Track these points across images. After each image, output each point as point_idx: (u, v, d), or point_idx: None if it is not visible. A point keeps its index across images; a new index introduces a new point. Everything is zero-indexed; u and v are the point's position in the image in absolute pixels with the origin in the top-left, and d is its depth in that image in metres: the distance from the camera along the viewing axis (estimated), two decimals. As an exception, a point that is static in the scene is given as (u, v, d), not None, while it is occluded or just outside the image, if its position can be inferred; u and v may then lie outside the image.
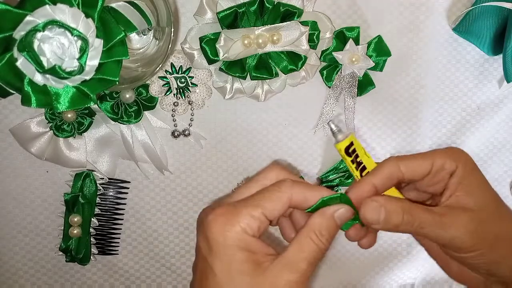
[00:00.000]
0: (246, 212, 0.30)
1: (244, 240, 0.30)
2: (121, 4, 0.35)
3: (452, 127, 0.51)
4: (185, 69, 0.46)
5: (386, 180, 0.33)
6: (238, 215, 0.30)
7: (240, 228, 0.29)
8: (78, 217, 0.48)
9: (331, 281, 0.54)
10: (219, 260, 0.29)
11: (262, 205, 0.30)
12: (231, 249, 0.29)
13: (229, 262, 0.29)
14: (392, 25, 0.47)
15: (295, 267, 0.30)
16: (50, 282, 0.51)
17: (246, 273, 0.29)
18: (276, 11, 0.42)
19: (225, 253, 0.29)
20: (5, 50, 0.32)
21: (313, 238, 0.31)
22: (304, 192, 0.32)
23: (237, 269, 0.29)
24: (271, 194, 0.31)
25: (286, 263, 0.30)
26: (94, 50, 0.33)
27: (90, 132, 0.47)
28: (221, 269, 0.29)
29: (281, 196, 0.31)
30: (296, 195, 0.31)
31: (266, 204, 0.30)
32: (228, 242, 0.29)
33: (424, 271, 0.55)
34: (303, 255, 0.30)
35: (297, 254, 0.30)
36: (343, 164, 0.50)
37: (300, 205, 0.32)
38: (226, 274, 0.29)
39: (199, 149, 0.49)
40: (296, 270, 0.30)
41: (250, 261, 0.29)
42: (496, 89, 0.50)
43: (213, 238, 0.30)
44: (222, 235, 0.29)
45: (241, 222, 0.30)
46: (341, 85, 0.48)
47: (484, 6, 0.44)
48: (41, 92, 0.34)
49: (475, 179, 0.33)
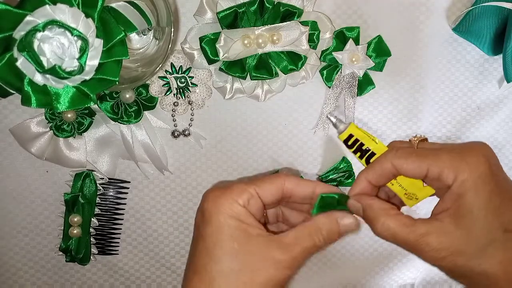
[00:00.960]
0: (240, 186, 0.32)
1: (234, 209, 0.31)
2: (121, 4, 0.35)
3: (452, 127, 0.51)
4: (185, 69, 0.46)
5: (379, 176, 0.34)
6: (232, 188, 0.32)
7: (231, 199, 0.31)
8: (78, 217, 0.48)
9: (331, 281, 0.54)
10: (209, 225, 0.31)
11: (256, 183, 0.33)
12: (221, 215, 0.31)
13: (218, 227, 0.31)
14: (392, 25, 0.47)
15: (288, 249, 0.30)
16: (50, 282, 0.51)
17: (233, 239, 0.30)
18: (276, 11, 0.42)
19: (216, 219, 0.31)
20: (5, 50, 0.32)
21: (312, 233, 0.32)
22: (297, 180, 0.33)
23: (225, 234, 0.30)
24: (266, 178, 0.33)
25: (279, 242, 0.31)
26: (94, 50, 0.33)
27: (90, 132, 0.47)
28: (210, 234, 0.31)
29: (276, 180, 0.33)
30: (289, 182, 0.33)
31: (260, 183, 0.33)
32: (219, 209, 0.31)
33: (424, 271, 0.55)
34: (298, 242, 0.31)
35: (293, 239, 0.31)
36: (343, 164, 0.50)
37: (294, 193, 0.33)
38: (214, 239, 0.31)
39: (199, 149, 0.49)
40: (288, 252, 0.30)
41: (239, 228, 0.31)
42: (496, 89, 0.50)
43: (206, 207, 0.32)
44: (214, 203, 0.31)
45: (233, 193, 0.32)
46: (341, 85, 0.48)
47: (484, 6, 0.44)
48: (41, 92, 0.34)
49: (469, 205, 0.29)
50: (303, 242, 0.31)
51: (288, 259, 0.30)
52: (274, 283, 0.30)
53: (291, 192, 0.34)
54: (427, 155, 0.31)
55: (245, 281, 0.30)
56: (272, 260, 0.30)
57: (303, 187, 0.33)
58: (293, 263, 0.31)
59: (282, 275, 0.30)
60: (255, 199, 0.32)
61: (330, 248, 0.53)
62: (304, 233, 0.32)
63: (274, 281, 0.30)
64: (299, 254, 0.31)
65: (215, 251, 0.30)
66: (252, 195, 0.32)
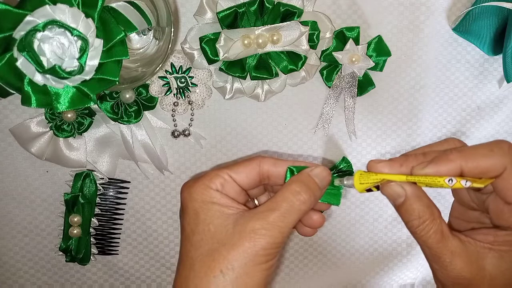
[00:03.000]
0: (212, 172, 0.32)
1: (208, 193, 0.31)
2: (121, 4, 0.35)
3: (452, 127, 0.51)
4: (185, 69, 0.46)
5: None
6: (204, 176, 0.32)
7: (204, 185, 0.31)
8: (78, 217, 0.48)
9: (331, 281, 0.54)
10: (187, 214, 0.31)
11: (229, 167, 0.32)
12: (196, 202, 0.31)
13: (193, 213, 0.31)
14: (392, 25, 0.47)
15: (262, 216, 0.30)
16: (50, 282, 0.51)
17: (210, 222, 0.30)
18: (276, 11, 0.42)
19: (191, 207, 0.31)
20: (5, 50, 0.32)
21: (288, 191, 0.31)
22: (273, 161, 0.33)
23: (200, 219, 0.30)
24: (241, 161, 0.33)
25: (254, 212, 0.30)
26: (94, 50, 0.33)
27: (90, 132, 0.47)
28: (188, 222, 0.31)
29: (250, 162, 0.33)
30: (265, 162, 0.33)
31: (233, 167, 0.32)
32: (193, 196, 0.31)
33: (424, 271, 0.55)
34: (273, 206, 0.30)
35: (268, 205, 0.31)
36: (343, 164, 0.50)
37: (271, 174, 0.33)
38: (192, 226, 0.31)
39: (199, 149, 0.49)
40: (263, 218, 0.30)
41: (213, 210, 0.31)
42: (496, 89, 0.50)
43: (183, 198, 0.32)
44: (188, 193, 0.31)
45: (205, 180, 0.32)
46: (341, 85, 0.48)
47: (484, 6, 0.44)
48: (41, 92, 0.34)
49: None
50: (277, 207, 0.30)
51: (264, 225, 0.29)
52: (254, 254, 0.29)
53: (268, 173, 0.33)
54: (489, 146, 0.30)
55: (223, 258, 0.29)
56: (248, 231, 0.29)
57: (280, 167, 0.33)
58: (271, 228, 0.29)
59: (261, 243, 0.29)
60: (230, 183, 0.32)
61: (330, 248, 0.53)
62: (277, 198, 0.31)
63: (253, 251, 0.29)
64: (276, 218, 0.30)
65: (194, 237, 0.30)
66: (225, 179, 0.32)
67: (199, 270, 0.29)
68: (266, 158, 0.33)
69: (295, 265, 0.53)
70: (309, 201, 0.31)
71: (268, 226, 0.29)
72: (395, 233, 0.54)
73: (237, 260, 0.29)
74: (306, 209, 0.31)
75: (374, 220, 0.53)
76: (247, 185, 0.33)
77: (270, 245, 0.29)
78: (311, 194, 0.31)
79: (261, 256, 0.29)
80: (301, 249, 0.53)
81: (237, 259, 0.29)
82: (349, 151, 0.51)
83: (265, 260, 0.29)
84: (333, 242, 0.53)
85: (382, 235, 0.54)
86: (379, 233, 0.54)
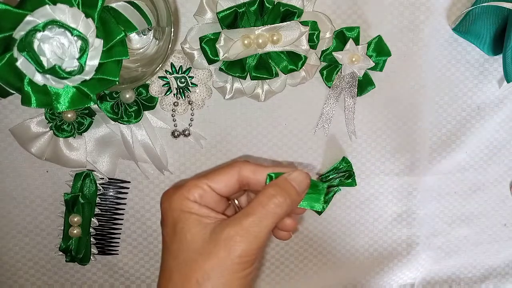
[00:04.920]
0: (190, 182, 0.32)
1: (186, 204, 0.31)
2: (121, 4, 0.35)
3: (452, 127, 0.51)
4: (185, 69, 0.46)
5: None
6: (183, 186, 0.32)
7: (182, 195, 0.31)
8: (78, 217, 0.48)
9: (331, 281, 0.54)
10: (166, 224, 0.31)
11: (207, 177, 0.32)
12: (175, 212, 0.31)
13: (172, 223, 0.31)
14: (392, 25, 0.47)
15: (236, 222, 0.30)
16: (50, 282, 0.51)
17: (187, 231, 0.30)
18: (276, 11, 0.42)
19: (170, 217, 0.31)
20: (5, 50, 0.32)
21: (261, 199, 0.31)
22: (253, 167, 0.33)
23: (178, 228, 0.30)
24: (219, 169, 0.33)
25: (230, 220, 0.30)
26: (94, 50, 0.33)
27: (90, 132, 0.47)
28: (167, 232, 0.31)
29: (229, 170, 0.33)
30: (245, 169, 0.33)
31: (211, 176, 0.32)
32: (172, 206, 0.31)
33: (424, 271, 0.55)
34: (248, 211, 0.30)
35: (243, 212, 0.30)
36: (343, 164, 0.50)
37: (250, 181, 0.33)
38: (171, 236, 0.31)
39: (199, 149, 0.49)
40: (236, 224, 0.30)
41: (191, 219, 0.30)
42: (496, 89, 0.50)
43: (163, 208, 0.32)
44: (168, 202, 0.32)
45: (184, 191, 0.32)
46: (341, 85, 0.48)
47: (484, 6, 0.44)
48: (41, 92, 0.34)
49: None
50: (252, 211, 0.30)
51: (239, 231, 0.29)
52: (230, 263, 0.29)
53: (247, 180, 0.33)
54: None
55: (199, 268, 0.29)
56: (223, 239, 0.29)
57: (259, 174, 0.33)
58: (246, 234, 0.29)
59: (236, 251, 0.29)
60: (209, 193, 0.32)
61: (330, 248, 0.53)
62: (252, 204, 0.31)
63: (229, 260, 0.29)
64: (251, 223, 0.30)
65: (172, 247, 0.30)
66: (204, 190, 0.32)
67: (177, 280, 0.29)
68: (246, 164, 0.33)
69: (295, 265, 0.53)
70: (285, 204, 0.31)
71: (242, 232, 0.29)
72: (395, 233, 0.54)
73: (213, 270, 0.29)
74: (282, 212, 0.31)
75: (374, 220, 0.53)
76: (227, 193, 0.33)
77: (246, 252, 0.29)
78: (286, 197, 0.31)
79: (237, 264, 0.29)
80: (301, 249, 0.53)
81: (213, 268, 0.29)
82: (349, 151, 0.51)
83: (241, 268, 0.29)
84: (333, 242, 0.53)
85: (382, 235, 0.54)
86: (379, 233, 0.54)
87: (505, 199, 0.55)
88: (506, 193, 0.54)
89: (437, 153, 0.52)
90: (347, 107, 0.49)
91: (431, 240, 0.55)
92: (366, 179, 0.52)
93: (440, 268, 0.55)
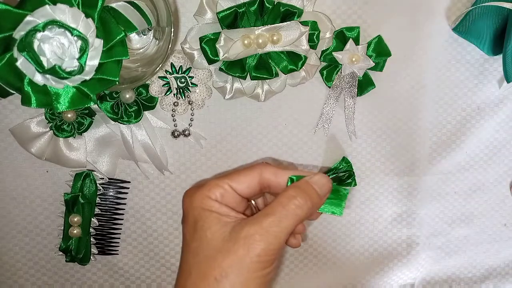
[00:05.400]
0: (212, 181, 0.32)
1: (206, 203, 0.31)
2: (121, 4, 0.35)
3: (452, 127, 0.51)
4: (185, 69, 0.46)
5: None
6: (205, 185, 0.32)
7: (203, 194, 0.32)
8: (78, 217, 0.48)
9: (331, 281, 0.54)
10: (187, 222, 0.32)
11: (229, 177, 0.32)
12: (195, 210, 0.31)
13: (193, 221, 0.31)
14: (392, 25, 0.47)
15: (256, 221, 0.30)
16: (50, 282, 0.51)
17: (207, 229, 0.30)
18: (276, 11, 0.42)
19: (191, 215, 0.31)
20: (5, 50, 0.32)
21: (281, 200, 0.31)
22: (274, 170, 0.33)
23: (198, 226, 0.31)
24: (241, 170, 0.33)
25: (250, 219, 0.30)
26: (94, 50, 0.33)
27: (90, 132, 0.47)
28: (188, 230, 0.31)
29: (251, 171, 0.33)
30: (266, 171, 0.33)
31: (233, 176, 0.33)
32: (192, 205, 0.32)
33: (424, 271, 0.55)
34: (268, 212, 0.30)
35: (263, 211, 0.31)
36: (343, 164, 0.50)
37: (271, 183, 0.33)
38: (191, 233, 0.31)
39: (199, 149, 0.49)
40: (256, 223, 0.30)
41: (211, 217, 0.31)
42: (496, 89, 0.50)
43: (184, 206, 0.32)
44: (189, 201, 0.32)
45: (205, 190, 0.32)
46: (341, 85, 0.48)
47: (484, 6, 0.45)
48: (41, 92, 0.34)
49: None
50: (273, 212, 0.30)
51: (258, 230, 0.29)
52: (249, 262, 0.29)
53: (268, 182, 0.33)
54: None
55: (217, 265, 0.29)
56: (242, 237, 0.29)
57: (281, 177, 0.33)
58: (265, 233, 0.29)
59: (255, 250, 0.29)
60: (230, 194, 0.32)
61: (330, 248, 0.53)
62: (273, 204, 0.31)
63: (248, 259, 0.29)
64: (270, 223, 0.30)
65: (192, 244, 0.31)
66: (225, 189, 0.32)
67: (196, 277, 0.29)
68: (268, 167, 0.33)
69: (295, 265, 0.53)
70: (305, 206, 0.31)
71: (262, 231, 0.29)
72: (395, 233, 0.54)
73: (231, 267, 0.29)
74: (303, 214, 0.31)
75: (374, 220, 0.53)
76: (247, 194, 0.33)
77: (265, 252, 0.29)
78: (307, 199, 0.31)
79: (256, 263, 0.29)
80: (301, 249, 0.53)
81: (231, 266, 0.29)
82: (349, 151, 0.51)
83: (260, 267, 0.29)
84: (333, 242, 0.53)
85: (382, 235, 0.54)
86: (379, 233, 0.54)
87: (505, 199, 0.55)
88: (506, 193, 0.54)
89: (437, 153, 0.52)
90: (347, 107, 0.49)
91: (431, 240, 0.55)
92: (366, 179, 0.52)
93: (440, 268, 0.55)
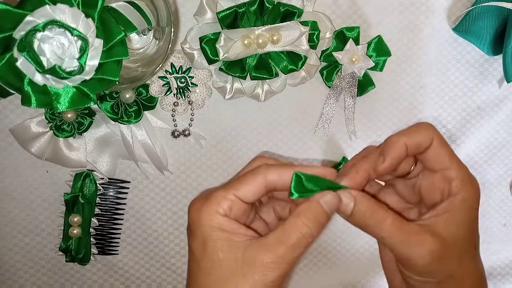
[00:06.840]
0: (219, 194, 0.32)
1: (216, 220, 0.31)
2: (121, 4, 0.35)
3: (452, 127, 0.51)
4: (185, 69, 0.46)
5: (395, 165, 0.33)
6: (211, 197, 0.32)
7: (212, 210, 0.31)
8: (78, 217, 0.48)
9: (331, 281, 0.54)
10: (196, 239, 0.31)
11: (235, 187, 0.32)
12: (204, 228, 0.31)
13: (202, 239, 0.31)
14: (392, 25, 0.47)
15: (271, 248, 0.30)
16: (50, 282, 0.51)
17: (217, 249, 0.30)
18: (276, 11, 0.42)
19: (200, 232, 0.31)
20: (5, 50, 0.32)
21: (297, 224, 0.31)
22: (278, 170, 0.32)
23: (209, 246, 0.30)
24: (245, 177, 0.32)
25: (263, 244, 0.30)
26: (94, 50, 0.33)
27: (90, 132, 0.47)
28: (197, 247, 0.31)
29: (255, 178, 0.32)
30: (271, 175, 0.32)
31: (239, 186, 0.32)
32: (202, 222, 0.31)
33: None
34: (283, 239, 0.30)
35: (275, 239, 0.30)
36: (343, 164, 0.50)
37: (277, 185, 0.33)
38: (201, 251, 0.31)
39: (199, 149, 0.49)
40: (272, 252, 0.30)
41: (222, 238, 0.30)
42: (496, 89, 0.50)
43: (191, 220, 0.32)
44: (197, 216, 0.31)
45: (213, 204, 0.31)
46: (341, 85, 0.48)
47: (484, 6, 0.44)
48: (41, 92, 0.34)
49: (462, 218, 0.31)
50: (287, 239, 0.30)
51: (274, 259, 0.30)
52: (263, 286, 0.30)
53: (274, 184, 0.33)
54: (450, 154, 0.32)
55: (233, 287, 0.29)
56: (258, 263, 0.30)
57: (285, 175, 0.32)
58: (281, 262, 0.30)
59: (271, 277, 0.30)
60: (237, 204, 0.32)
61: (330, 248, 0.53)
62: (286, 230, 0.31)
63: (262, 283, 0.30)
64: (285, 251, 0.30)
65: (202, 263, 0.31)
66: (232, 201, 0.32)
67: None
68: (271, 168, 0.32)
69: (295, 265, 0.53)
70: (316, 234, 0.31)
71: (278, 260, 0.30)
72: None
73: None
74: (313, 239, 0.31)
75: (374, 220, 0.53)
76: (254, 200, 0.33)
77: (279, 277, 0.30)
78: (319, 227, 0.31)
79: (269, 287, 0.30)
80: (301, 249, 0.53)
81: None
82: (349, 151, 0.51)
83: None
84: (333, 242, 0.53)
85: (382, 235, 0.54)
86: (379, 233, 0.54)
87: (505, 199, 0.55)
88: (506, 193, 0.54)
89: (437, 153, 0.52)
90: (347, 107, 0.49)
91: (431, 240, 0.55)
92: (366, 179, 0.52)
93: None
